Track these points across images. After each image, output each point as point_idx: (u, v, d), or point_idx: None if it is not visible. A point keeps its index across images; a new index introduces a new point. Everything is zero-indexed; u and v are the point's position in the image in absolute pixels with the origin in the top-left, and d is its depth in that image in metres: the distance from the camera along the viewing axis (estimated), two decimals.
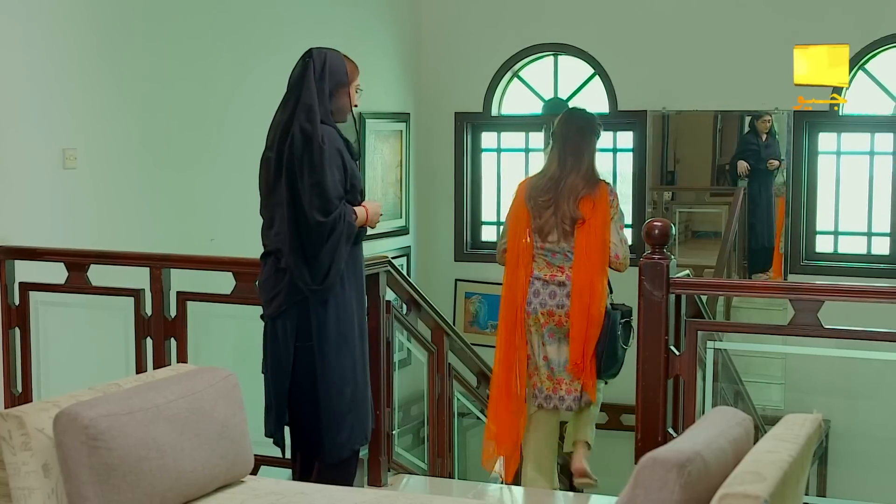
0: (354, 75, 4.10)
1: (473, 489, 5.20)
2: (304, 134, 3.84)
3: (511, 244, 4.98)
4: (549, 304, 4.87)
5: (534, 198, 4.91)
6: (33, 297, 4.90)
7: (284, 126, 3.92)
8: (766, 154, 8.69)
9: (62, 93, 5.54)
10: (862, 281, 7.48)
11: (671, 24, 8.63)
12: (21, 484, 2.98)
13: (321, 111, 3.90)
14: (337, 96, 4.00)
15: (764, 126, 8.70)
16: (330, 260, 3.86)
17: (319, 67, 3.95)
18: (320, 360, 3.91)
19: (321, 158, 3.83)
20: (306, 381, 3.93)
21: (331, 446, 3.96)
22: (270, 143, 3.99)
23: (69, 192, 5.56)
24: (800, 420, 2.82)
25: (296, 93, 3.94)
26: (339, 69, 4.01)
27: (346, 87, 4.04)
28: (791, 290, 4.08)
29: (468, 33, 9.20)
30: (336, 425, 3.95)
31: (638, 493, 2.39)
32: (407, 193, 9.12)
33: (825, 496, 7.40)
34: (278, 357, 3.96)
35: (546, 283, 4.89)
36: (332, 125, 3.96)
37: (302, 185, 3.82)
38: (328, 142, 3.87)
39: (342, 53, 4.08)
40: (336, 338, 3.93)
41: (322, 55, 3.99)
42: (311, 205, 3.81)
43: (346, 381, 3.97)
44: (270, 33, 7.02)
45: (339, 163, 3.91)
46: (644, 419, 3.99)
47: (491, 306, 9.22)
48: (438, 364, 5.14)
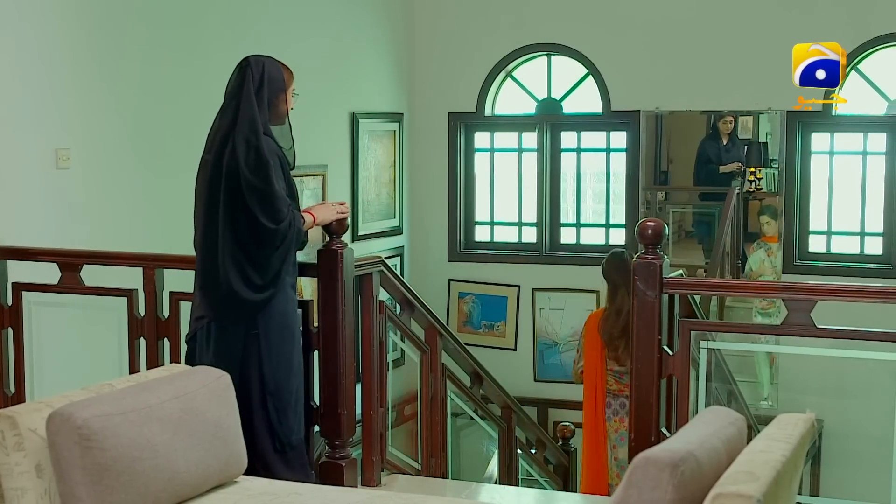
0: (290, 81, 4.18)
1: (467, 489, 5.21)
2: (249, 146, 3.95)
3: (587, 368, 6.04)
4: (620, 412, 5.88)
5: (607, 331, 5.86)
6: (26, 297, 4.88)
7: (224, 134, 4.02)
8: (727, 158, 8.72)
9: (55, 93, 5.53)
10: (855, 281, 7.49)
11: (664, 25, 8.64)
12: (14, 484, 2.98)
13: (261, 121, 4.00)
14: (276, 104, 4.10)
15: (726, 127, 8.73)
16: (279, 265, 4.01)
17: (258, 77, 4.05)
18: (266, 350, 4.03)
19: (267, 170, 3.93)
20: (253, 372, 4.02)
21: (281, 431, 4.06)
22: (209, 147, 4.09)
23: (62, 192, 5.55)
24: (793, 420, 2.83)
25: (235, 102, 4.04)
26: (277, 77, 4.11)
27: (284, 94, 4.13)
28: (784, 289, 4.08)
29: (461, 33, 9.20)
30: (285, 412, 4.08)
31: (631, 493, 2.39)
32: (400, 193, 9.12)
33: (818, 496, 7.42)
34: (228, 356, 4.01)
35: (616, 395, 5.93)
36: (270, 135, 4.05)
37: (249, 196, 3.92)
38: (270, 153, 3.97)
39: (277, 60, 4.17)
40: (282, 330, 4.06)
41: (260, 64, 4.09)
42: (261, 213, 3.92)
43: (293, 372, 4.12)
44: (263, 33, 7.00)
45: (280, 172, 4.01)
46: (637, 419, 3.99)
47: (484, 306, 9.24)
48: (432, 364, 5.13)
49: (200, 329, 4.09)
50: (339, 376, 4.29)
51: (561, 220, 9.25)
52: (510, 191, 9.41)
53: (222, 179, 3.97)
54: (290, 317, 4.12)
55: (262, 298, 4.01)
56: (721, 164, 8.85)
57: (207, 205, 4.05)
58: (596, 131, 9.20)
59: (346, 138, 8.35)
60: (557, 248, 9.24)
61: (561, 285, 9.08)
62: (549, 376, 9.12)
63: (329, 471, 4.36)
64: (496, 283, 9.26)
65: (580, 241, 9.25)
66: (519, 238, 9.39)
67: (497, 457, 6.07)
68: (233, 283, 3.97)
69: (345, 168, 8.32)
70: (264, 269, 3.99)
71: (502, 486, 5.84)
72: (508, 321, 9.22)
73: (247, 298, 3.99)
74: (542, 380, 9.13)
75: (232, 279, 3.97)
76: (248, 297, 3.99)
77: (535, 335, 9.18)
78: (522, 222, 9.36)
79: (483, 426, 6.03)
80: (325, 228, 4.32)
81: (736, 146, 8.77)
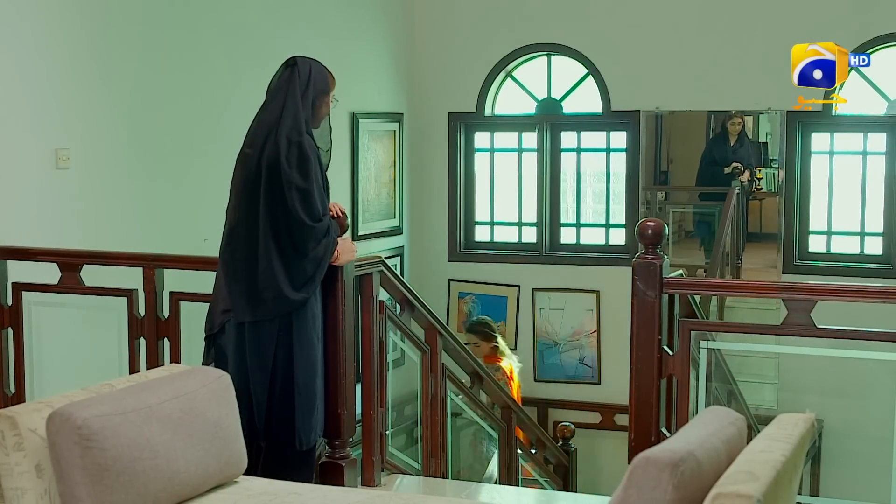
0: (333, 85, 4.25)
1: (467, 489, 5.21)
2: (291, 142, 3.98)
3: None
4: None
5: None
6: (26, 297, 4.88)
7: (268, 128, 4.03)
8: (734, 158, 8.71)
9: (54, 93, 5.53)
10: (855, 281, 7.49)
11: (664, 24, 8.64)
12: (14, 484, 2.98)
13: (304, 120, 4.05)
14: (318, 105, 4.16)
15: (735, 128, 8.72)
16: (314, 270, 4.03)
17: (305, 76, 4.11)
18: (298, 350, 4.05)
19: (307, 167, 3.97)
20: (285, 370, 4.05)
21: (303, 430, 4.08)
22: (251, 141, 4.10)
23: (62, 192, 5.55)
24: (793, 420, 2.83)
25: (281, 98, 4.07)
26: (323, 79, 4.19)
27: (327, 97, 4.20)
28: (784, 289, 4.08)
29: (461, 33, 9.19)
30: (310, 413, 4.11)
31: (631, 493, 2.39)
32: (400, 193, 9.12)
33: (818, 495, 7.43)
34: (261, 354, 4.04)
35: None
36: (311, 135, 4.09)
37: (289, 192, 3.94)
38: (311, 151, 4.02)
39: (322, 64, 4.23)
40: (312, 331, 4.10)
41: (307, 64, 4.15)
42: (301, 209, 3.95)
43: (318, 374, 4.16)
44: (263, 34, 7.01)
45: (318, 173, 4.06)
46: (637, 419, 3.99)
47: (484, 306, 9.23)
48: (432, 364, 5.13)
49: (228, 322, 4.07)
50: (339, 376, 4.30)
51: (561, 220, 9.25)
52: (510, 191, 9.41)
53: (262, 173, 3.98)
54: (318, 320, 4.16)
55: (301, 298, 4.02)
56: (727, 166, 8.83)
57: (248, 199, 4.03)
58: (596, 131, 9.20)
59: (346, 138, 8.35)
60: (557, 248, 9.24)
61: (561, 285, 9.08)
62: (549, 376, 9.12)
63: (329, 471, 4.36)
64: (496, 283, 9.26)
65: (580, 241, 9.24)
66: (519, 238, 9.39)
67: (497, 457, 6.07)
68: (276, 279, 3.97)
69: (345, 168, 8.32)
70: (302, 269, 4.01)
71: (502, 486, 5.84)
72: (508, 321, 9.22)
73: (287, 297, 3.98)
74: (542, 380, 9.13)
75: (275, 276, 3.97)
76: (289, 296, 3.99)
77: (535, 335, 9.17)
78: (522, 222, 9.36)
79: (483, 426, 6.04)
80: None
81: (744, 147, 8.74)
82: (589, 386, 9.01)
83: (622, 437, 4.56)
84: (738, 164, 8.70)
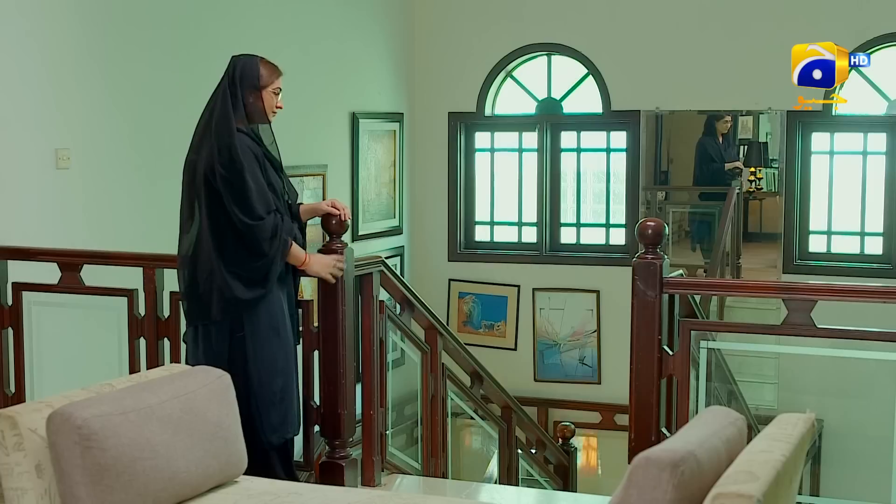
0: (272, 79, 4.14)
1: (467, 489, 5.21)
2: (222, 144, 3.98)
3: None
4: None
5: None
6: (26, 297, 4.88)
7: (203, 132, 4.06)
8: (726, 156, 8.73)
9: (55, 93, 5.53)
10: (855, 280, 7.49)
11: (664, 24, 8.64)
12: (14, 484, 2.98)
13: (236, 117, 4.03)
14: (251, 101, 4.09)
15: (724, 127, 8.73)
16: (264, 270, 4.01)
17: (231, 73, 4.09)
18: (252, 350, 4.04)
19: (240, 167, 3.95)
20: (239, 370, 4.00)
21: (263, 429, 4.05)
22: (194, 146, 4.11)
23: (62, 192, 5.55)
24: (793, 420, 2.83)
25: (212, 101, 4.09)
26: (251, 73, 4.09)
27: (259, 91, 4.10)
28: (784, 289, 4.08)
29: (461, 33, 9.20)
30: (267, 410, 4.08)
31: (631, 493, 2.39)
32: (400, 193, 9.12)
33: (818, 495, 7.42)
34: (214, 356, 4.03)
35: None
36: (248, 132, 4.07)
37: (225, 193, 3.94)
38: (244, 150, 3.98)
39: (261, 57, 4.16)
40: (268, 329, 4.06)
41: (234, 62, 4.13)
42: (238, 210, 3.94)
43: (277, 372, 4.11)
44: (263, 34, 7.00)
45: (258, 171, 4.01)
46: (637, 419, 3.99)
47: (484, 306, 9.24)
48: (432, 364, 5.13)
49: (189, 327, 4.13)
50: (339, 376, 4.30)
51: (561, 219, 9.25)
52: (510, 191, 9.41)
53: (200, 178, 4.00)
54: (277, 317, 4.11)
55: (250, 298, 4.01)
56: (724, 162, 8.85)
57: (190, 205, 4.07)
58: (596, 131, 9.20)
59: (346, 138, 8.35)
60: (557, 248, 9.24)
61: (561, 285, 9.08)
62: (549, 376, 9.12)
63: (329, 471, 4.36)
64: (496, 283, 9.26)
65: (580, 241, 9.25)
66: (519, 238, 9.39)
67: (497, 457, 6.07)
68: (221, 282, 3.98)
69: (345, 168, 8.33)
70: (250, 268, 3.99)
71: (502, 486, 5.84)
72: (508, 321, 9.22)
73: (237, 297, 3.99)
74: (542, 380, 9.14)
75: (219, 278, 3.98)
76: (239, 296, 3.99)
77: (535, 335, 9.18)
78: (522, 222, 9.36)
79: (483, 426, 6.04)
80: (324, 228, 4.33)
81: (731, 147, 8.79)
82: (589, 386, 9.02)
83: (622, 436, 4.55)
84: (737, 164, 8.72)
